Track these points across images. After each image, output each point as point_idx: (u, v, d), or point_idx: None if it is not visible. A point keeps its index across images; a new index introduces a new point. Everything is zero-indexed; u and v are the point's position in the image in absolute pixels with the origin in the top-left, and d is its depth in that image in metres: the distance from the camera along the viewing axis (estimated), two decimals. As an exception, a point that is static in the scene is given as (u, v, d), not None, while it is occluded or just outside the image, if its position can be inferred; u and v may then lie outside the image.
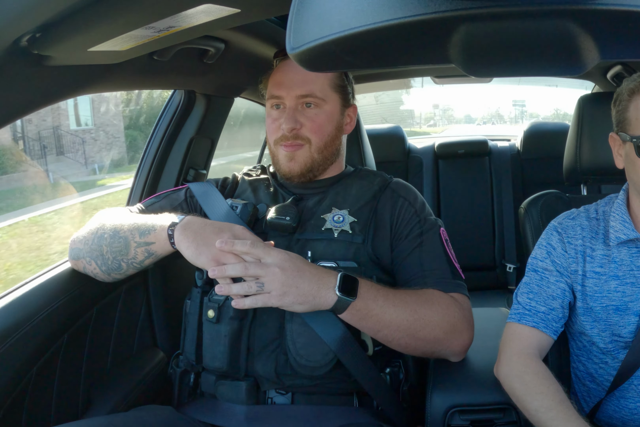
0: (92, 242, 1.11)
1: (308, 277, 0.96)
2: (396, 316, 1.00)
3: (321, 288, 0.96)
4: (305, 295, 0.95)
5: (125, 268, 1.10)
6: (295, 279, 0.94)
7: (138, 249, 1.06)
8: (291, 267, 0.95)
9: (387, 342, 1.04)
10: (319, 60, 0.53)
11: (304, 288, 0.95)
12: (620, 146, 1.03)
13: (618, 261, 1.03)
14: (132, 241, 1.06)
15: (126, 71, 1.10)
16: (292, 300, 0.94)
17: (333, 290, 0.97)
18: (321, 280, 0.97)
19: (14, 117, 0.89)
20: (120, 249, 1.07)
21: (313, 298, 0.96)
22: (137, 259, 1.08)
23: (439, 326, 1.03)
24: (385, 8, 0.45)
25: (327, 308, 0.97)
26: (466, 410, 1.05)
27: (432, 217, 1.18)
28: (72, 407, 1.17)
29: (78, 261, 1.15)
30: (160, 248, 1.05)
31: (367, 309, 0.99)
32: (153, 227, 1.05)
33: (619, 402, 1.03)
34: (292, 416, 1.05)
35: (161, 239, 1.04)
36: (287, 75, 1.15)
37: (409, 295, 1.04)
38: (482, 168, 2.71)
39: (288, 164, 1.16)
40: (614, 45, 0.49)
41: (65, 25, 0.75)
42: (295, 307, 0.96)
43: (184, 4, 0.74)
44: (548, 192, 1.33)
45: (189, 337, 1.13)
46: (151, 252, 1.06)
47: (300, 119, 1.14)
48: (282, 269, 0.94)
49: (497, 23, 0.46)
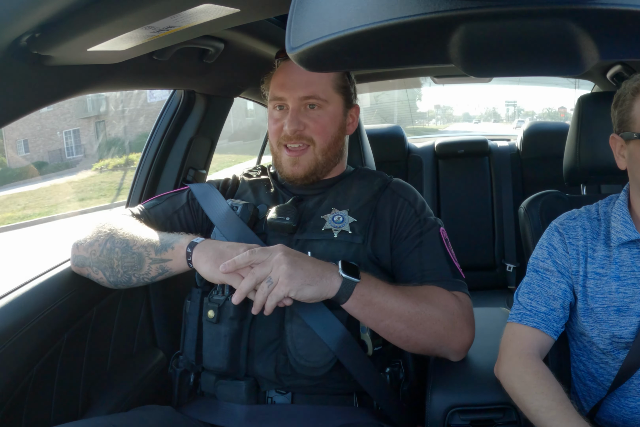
0: (101, 253, 1.10)
1: (310, 260, 0.98)
2: (398, 306, 1.00)
3: (325, 270, 0.97)
4: (311, 275, 0.95)
5: (135, 282, 1.10)
6: (298, 261, 0.96)
7: (152, 265, 1.06)
8: (292, 252, 0.98)
9: (389, 335, 1.04)
10: (318, 60, 0.53)
11: (309, 269, 0.96)
12: (622, 147, 1.03)
13: (619, 262, 1.03)
14: (147, 257, 1.06)
15: (126, 71, 1.10)
16: (300, 282, 0.94)
17: (337, 273, 0.98)
18: (323, 264, 0.99)
19: (14, 117, 0.89)
20: (133, 265, 1.07)
21: (320, 278, 0.96)
22: (150, 275, 1.08)
23: (439, 320, 1.03)
24: (385, 8, 0.45)
25: (333, 293, 0.97)
26: (466, 410, 1.05)
27: (432, 217, 1.18)
28: (72, 407, 1.17)
29: (83, 268, 1.15)
30: (176, 265, 1.05)
31: (370, 295, 0.99)
32: (170, 245, 1.05)
33: (619, 401, 1.03)
34: (292, 416, 1.05)
35: (179, 256, 1.04)
36: (290, 76, 1.15)
37: (410, 289, 1.04)
38: (482, 168, 2.71)
39: (292, 168, 1.15)
40: (614, 45, 0.49)
41: (65, 25, 0.75)
42: (306, 291, 0.95)
43: (184, 4, 0.74)
44: (548, 192, 1.33)
45: (189, 338, 1.13)
46: (166, 269, 1.06)
47: (303, 120, 1.13)
48: (285, 253, 0.96)
49: (497, 23, 0.46)
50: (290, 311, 1.05)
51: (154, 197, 1.28)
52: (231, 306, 1.06)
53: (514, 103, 23.95)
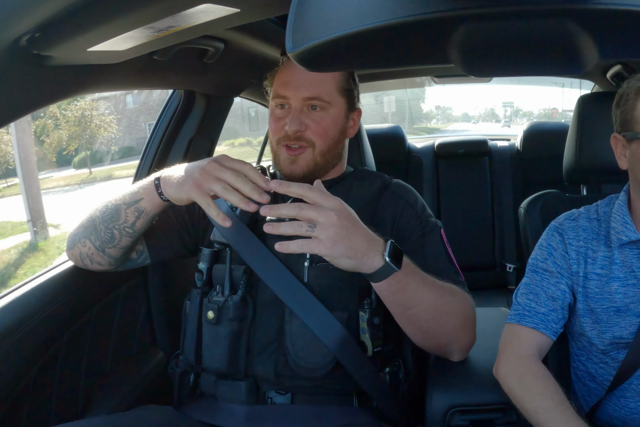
0: (86, 222, 1.12)
1: (361, 232, 0.91)
2: (427, 296, 0.98)
3: (370, 248, 0.91)
4: (355, 249, 0.89)
5: (118, 237, 1.08)
6: (349, 231, 0.88)
7: (128, 210, 1.06)
8: (347, 217, 0.89)
9: (411, 324, 1.01)
10: (318, 60, 0.53)
11: (356, 242, 0.89)
12: (624, 147, 1.02)
13: (619, 263, 1.03)
14: (123, 203, 1.07)
15: (126, 71, 1.10)
16: (341, 252, 0.88)
17: (382, 254, 0.92)
18: (372, 240, 0.92)
19: (13, 117, 0.89)
20: (112, 216, 1.07)
21: (362, 255, 0.90)
22: (129, 221, 1.07)
23: (457, 315, 1.02)
24: (385, 8, 0.45)
25: (369, 272, 0.93)
26: (466, 410, 1.05)
27: (433, 218, 1.18)
28: (72, 407, 1.17)
29: (74, 249, 1.14)
30: (149, 202, 1.04)
31: (406, 282, 0.96)
32: (141, 186, 1.06)
33: (619, 401, 1.03)
34: (292, 416, 1.05)
35: (149, 191, 1.04)
36: (295, 75, 1.13)
37: (436, 280, 1.02)
38: (482, 168, 2.71)
39: (290, 166, 1.15)
40: (614, 45, 0.49)
41: (65, 25, 0.75)
42: (342, 261, 0.90)
43: (184, 3, 0.74)
44: (548, 192, 1.33)
45: (189, 338, 1.13)
46: (140, 209, 1.05)
47: (305, 121, 1.11)
48: (339, 217, 0.88)
49: (497, 23, 0.46)
50: (290, 311, 1.05)
51: None
52: (231, 307, 1.06)
53: (511, 104, 24.50)
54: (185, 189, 0.97)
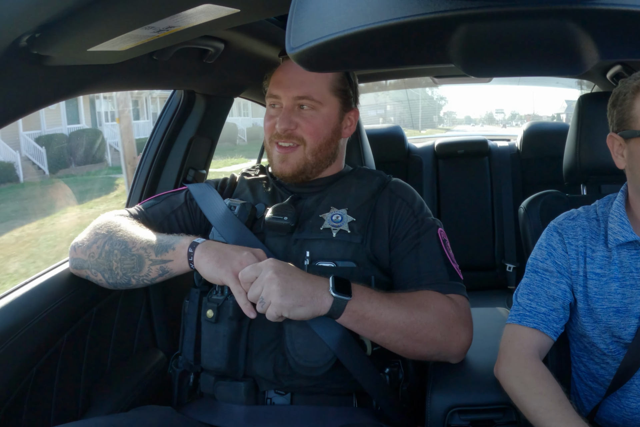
0: (99, 256, 1.10)
1: (301, 279, 0.97)
2: (392, 318, 1.00)
3: (316, 289, 0.97)
4: (303, 295, 0.95)
5: (134, 283, 1.09)
6: (290, 281, 0.95)
7: (153, 266, 1.06)
8: (283, 270, 0.97)
9: (386, 345, 1.04)
10: (318, 60, 0.53)
11: (300, 289, 0.95)
12: (620, 146, 1.02)
13: (618, 263, 1.03)
14: (147, 258, 1.06)
15: (126, 71, 1.10)
16: (292, 302, 0.94)
17: (328, 291, 0.97)
18: (315, 281, 0.98)
19: (13, 117, 0.89)
20: (133, 266, 1.07)
21: (311, 298, 0.96)
22: (150, 276, 1.07)
23: (435, 328, 1.03)
24: (385, 8, 0.45)
25: (325, 311, 0.98)
26: (466, 410, 1.05)
27: (430, 217, 1.17)
28: (72, 407, 1.17)
29: (81, 271, 1.14)
30: (177, 266, 1.05)
31: (363, 310, 0.99)
32: (171, 246, 1.05)
33: (620, 401, 1.03)
34: (292, 417, 1.05)
35: (180, 257, 1.04)
36: (287, 75, 1.15)
37: (404, 298, 1.04)
38: (482, 168, 2.71)
39: (280, 164, 1.16)
40: (614, 45, 0.49)
41: (65, 25, 0.75)
42: (298, 311, 0.95)
43: (184, 4, 0.74)
44: (548, 192, 1.33)
45: (188, 338, 1.13)
46: (166, 270, 1.06)
47: (295, 119, 1.13)
48: (276, 272, 0.96)
49: (497, 23, 0.46)
50: None
51: (152, 197, 1.27)
52: (230, 306, 1.06)
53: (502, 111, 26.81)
54: (222, 273, 0.99)
